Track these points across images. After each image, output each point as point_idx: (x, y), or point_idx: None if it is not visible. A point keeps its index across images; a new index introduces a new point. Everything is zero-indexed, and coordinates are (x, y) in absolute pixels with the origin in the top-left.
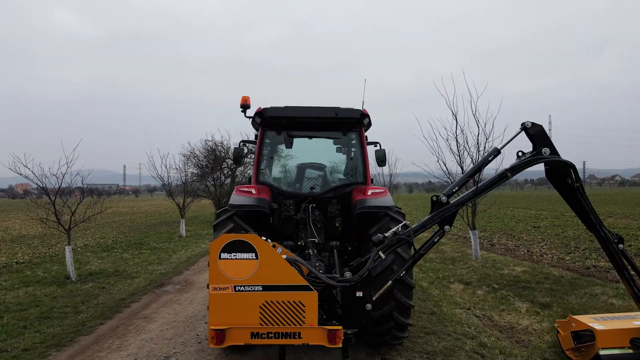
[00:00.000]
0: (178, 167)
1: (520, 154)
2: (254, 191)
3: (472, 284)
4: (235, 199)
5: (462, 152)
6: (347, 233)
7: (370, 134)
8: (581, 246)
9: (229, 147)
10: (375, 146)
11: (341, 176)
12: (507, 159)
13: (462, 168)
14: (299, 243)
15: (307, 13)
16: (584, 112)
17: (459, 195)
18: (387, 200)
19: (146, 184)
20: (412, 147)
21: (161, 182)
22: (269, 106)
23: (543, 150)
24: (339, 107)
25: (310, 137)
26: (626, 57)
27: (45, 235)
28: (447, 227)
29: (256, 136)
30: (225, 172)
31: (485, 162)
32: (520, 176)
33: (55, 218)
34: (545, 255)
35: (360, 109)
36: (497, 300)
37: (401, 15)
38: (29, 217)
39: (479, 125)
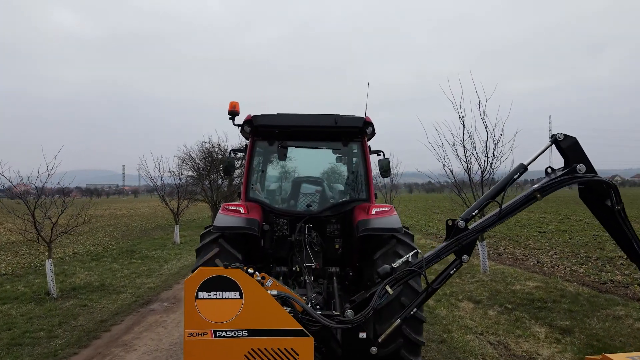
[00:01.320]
0: (172, 171)
1: (549, 170)
2: (242, 210)
3: (483, 303)
4: (221, 219)
5: (469, 158)
6: (348, 256)
7: (378, 143)
8: (592, 255)
9: (227, 149)
10: (379, 155)
11: (341, 192)
12: (518, 157)
13: (469, 175)
14: (294, 268)
15: (307, 13)
16: (584, 112)
17: (475, 219)
18: (394, 220)
19: (145, 184)
20: (411, 147)
21: (154, 186)
22: (259, 113)
23: (578, 167)
24: (339, 115)
25: (306, 148)
26: (626, 57)
27: (34, 242)
28: (465, 257)
29: (246, 146)
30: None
31: (510, 180)
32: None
33: (35, 230)
34: (556, 267)
35: (363, 116)
36: (512, 323)
37: (401, 15)
38: (6, 229)
39: (488, 130)
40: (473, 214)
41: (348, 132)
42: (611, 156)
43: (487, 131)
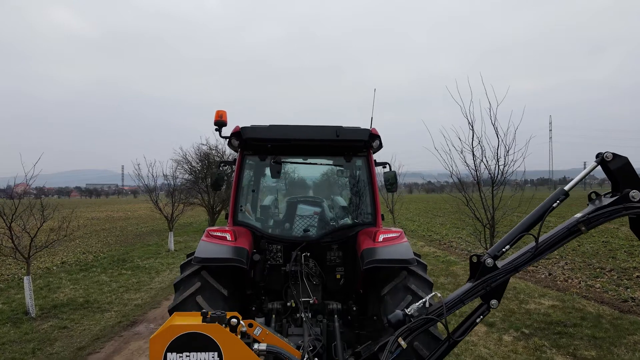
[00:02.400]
0: (166, 175)
1: (593, 196)
2: (229, 237)
3: (497, 326)
4: (204, 248)
5: (478, 165)
6: (351, 288)
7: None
8: (606, 266)
9: (224, 151)
10: (384, 167)
11: (344, 214)
12: (531, 164)
13: (479, 185)
14: (289, 304)
15: (307, 12)
16: (584, 111)
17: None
18: (404, 250)
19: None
20: (411, 146)
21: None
22: (249, 125)
23: (631, 194)
24: (341, 127)
25: (303, 164)
26: (627, 57)
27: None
28: (494, 303)
29: (235, 160)
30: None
31: (549, 208)
32: (519, 176)
33: (12, 244)
34: (570, 281)
35: (369, 128)
36: (531, 351)
37: (401, 14)
38: None
39: (499, 136)
40: (503, 249)
41: (352, 147)
42: None
43: (498, 137)
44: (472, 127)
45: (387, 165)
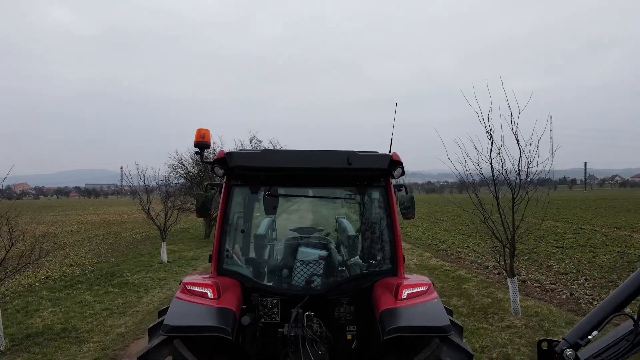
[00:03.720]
0: (159, 180)
1: None
2: (210, 293)
3: None
4: (178, 311)
5: (498, 179)
6: (366, 352)
7: (372, 139)
8: None
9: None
10: (400, 190)
11: (356, 259)
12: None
13: (497, 200)
14: None
15: (307, 12)
16: (584, 112)
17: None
18: (437, 311)
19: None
20: (410, 146)
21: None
22: (236, 150)
23: None
24: (354, 152)
25: (305, 197)
26: (627, 57)
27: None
28: None
29: (221, 187)
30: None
31: None
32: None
33: None
34: (596, 303)
35: (388, 153)
36: None
37: (401, 14)
38: None
39: (520, 148)
40: (589, 336)
41: (367, 176)
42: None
43: (519, 148)
44: (491, 136)
45: (403, 188)
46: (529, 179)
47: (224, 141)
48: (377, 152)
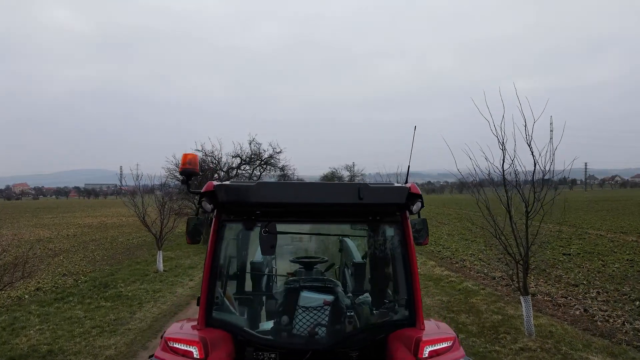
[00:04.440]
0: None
1: None
2: (196, 352)
3: None
4: None
5: (511, 193)
6: None
7: (374, 142)
8: None
9: (220, 158)
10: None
11: (367, 307)
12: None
13: (509, 213)
14: None
15: (307, 11)
16: (584, 112)
17: None
18: None
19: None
20: (405, 146)
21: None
22: (227, 181)
23: None
24: (366, 184)
25: (308, 234)
26: (627, 57)
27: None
28: None
29: (212, 219)
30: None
31: None
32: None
33: None
34: (612, 321)
35: (406, 185)
36: None
37: (401, 13)
38: None
39: (535, 160)
40: None
41: (381, 212)
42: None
43: (534, 159)
44: (504, 146)
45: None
46: (543, 194)
47: (223, 144)
48: (392, 183)
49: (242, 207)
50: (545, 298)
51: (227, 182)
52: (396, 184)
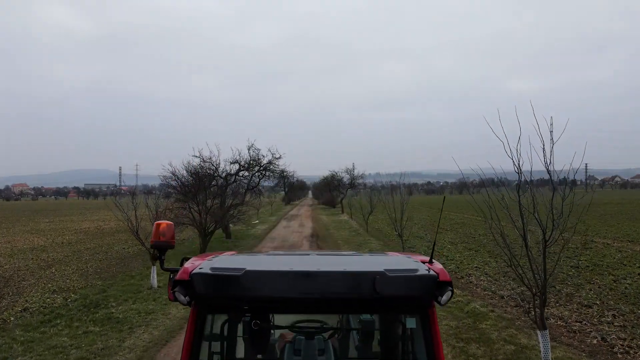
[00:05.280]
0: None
1: None
2: None
3: None
4: None
5: (526, 220)
6: None
7: (376, 143)
8: None
9: (218, 164)
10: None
11: None
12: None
13: (525, 242)
14: None
15: (306, 11)
16: (584, 111)
17: None
18: None
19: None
20: (409, 145)
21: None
22: (208, 264)
23: None
24: (383, 274)
25: (311, 331)
26: (627, 57)
27: None
28: None
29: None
30: (213, 189)
31: None
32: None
33: None
34: (633, 352)
35: (434, 272)
36: None
37: (401, 12)
38: None
39: (554, 185)
40: None
41: (403, 305)
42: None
43: (552, 184)
44: (520, 169)
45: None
46: (563, 224)
47: (221, 149)
48: (415, 269)
49: (226, 301)
50: (559, 322)
51: (208, 270)
52: (420, 270)
